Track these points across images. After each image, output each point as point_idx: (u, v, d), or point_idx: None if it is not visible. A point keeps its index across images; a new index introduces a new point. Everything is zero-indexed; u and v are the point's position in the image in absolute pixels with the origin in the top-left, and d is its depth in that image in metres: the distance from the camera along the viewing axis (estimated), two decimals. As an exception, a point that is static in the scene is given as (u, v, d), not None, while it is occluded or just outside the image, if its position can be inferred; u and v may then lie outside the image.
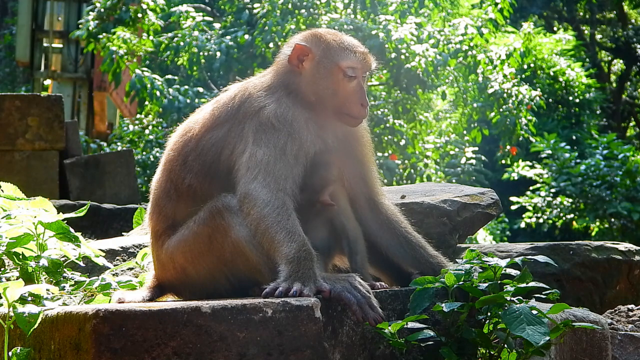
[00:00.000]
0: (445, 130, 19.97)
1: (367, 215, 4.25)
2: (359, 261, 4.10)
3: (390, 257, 4.24)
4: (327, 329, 3.59)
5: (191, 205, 3.98)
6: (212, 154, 4.02)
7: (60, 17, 20.58)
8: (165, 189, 4.12)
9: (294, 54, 4.08)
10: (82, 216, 4.66)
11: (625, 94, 31.89)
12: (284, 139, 3.92)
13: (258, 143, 3.91)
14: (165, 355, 3.22)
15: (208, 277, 3.95)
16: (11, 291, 3.55)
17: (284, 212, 3.78)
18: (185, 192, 4.04)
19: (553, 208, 21.54)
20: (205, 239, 3.89)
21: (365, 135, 4.30)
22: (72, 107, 19.83)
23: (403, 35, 15.85)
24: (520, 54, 17.52)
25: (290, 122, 3.96)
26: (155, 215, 4.14)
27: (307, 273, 3.65)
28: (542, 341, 3.58)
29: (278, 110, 3.98)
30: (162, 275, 4.13)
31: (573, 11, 31.47)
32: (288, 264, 3.66)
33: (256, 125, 3.96)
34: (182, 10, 17.02)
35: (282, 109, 3.99)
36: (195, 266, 3.97)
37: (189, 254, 3.96)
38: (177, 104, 16.24)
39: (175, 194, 4.07)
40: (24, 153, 9.98)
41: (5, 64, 28.96)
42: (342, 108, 4.08)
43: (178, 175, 4.07)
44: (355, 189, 4.24)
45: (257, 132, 3.94)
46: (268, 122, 3.95)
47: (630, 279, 5.22)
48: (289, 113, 3.98)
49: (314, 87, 4.07)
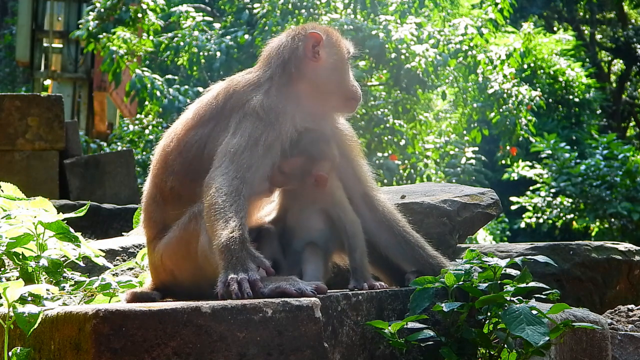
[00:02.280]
0: (445, 131, 19.97)
1: (365, 213, 4.23)
2: (357, 258, 4.04)
3: (389, 257, 4.22)
4: (327, 329, 3.59)
5: (178, 208, 3.94)
6: (194, 151, 3.99)
7: (60, 17, 20.58)
8: (152, 195, 4.11)
9: (309, 44, 4.08)
10: (82, 216, 4.66)
11: (625, 94, 31.90)
12: (261, 128, 3.88)
13: (235, 133, 3.88)
14: (165, 355, 3.22)
15: (192, 280, 3.95)
16: (11, 291, 3.55)
17: (232, 197, 3.66)
18: (169, 196, 4.02)
19: (553, 208, 21.54)
20: (185, 244, 3.88)
21: (350, 131, 4.31)
22: (72, 107, 19.82)
23: (403, 35, 15.85)
24: (520, 54, 17.52)
25: (276, 113, 3.94)
26: (146, 222, 4.14)
27: (240, 258, 3.55)
28: (542, 341, 3.58)
29: (265, 101, 3.96)
30: (156, 279, 4.14)
31: (573, 11, 31.47)
32: (220, 254, 3.57)
33: (240, 116, 3.93)
34: (182, 10, 17.03)
35: (271, 99, 3.97)
36: (180, 270, 3.98)
37: (174, 258, 3.97)
38: (177, 104, 16.24)
39: (161, 199, 4.05)
40: (24, 153, 9.97)
41: (5, 64, 28.96)
42: (347, 93, 4.13)
43: (161, 179, 4.05)
44: (349, 186, 4.23)
45: (239, 122, 3.91)
46: (253, 111, 3.92)
47: (630, 279, 5.22)
48: (277, 104, 3.96)
49: (330, 76, 4.10)
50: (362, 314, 3.77)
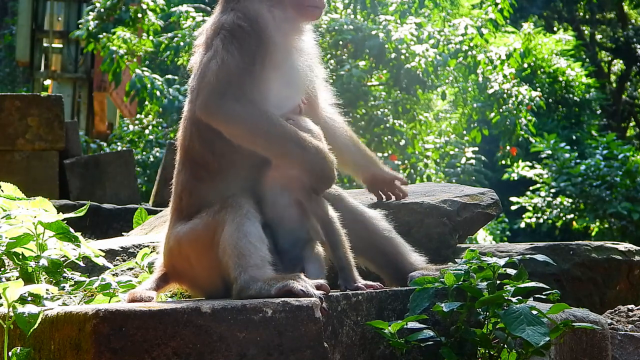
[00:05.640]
0: (445, 131, 19.97)
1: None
2: (342, 256, 3.95)
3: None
4: (327, 329, 3.59)
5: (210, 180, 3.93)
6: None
7: (60, 17, 20.60)
8: (182, 170, 4.07)
9: None
10: (82, 216, 4.66)
11: (625, 94, 31.90)
12: (253, 42, 3.87)
13: (227, 49, 3.86)
14: (165, 356, 3.22)
15: (207, 273, 3.90)
16: (11, 291, 3.55)
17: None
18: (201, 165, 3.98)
19: (553, 208, 21.54)
20: (211, 232, 3.81)
21: (316, 51, 4.28)
22: (72, 107, 19.84)
23: (403, 35, 15.85)
24: (520, 54, 17.51)
25: (255, 19, 3.91)
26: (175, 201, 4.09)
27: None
28: (542, 341, 3.58)
29: (239, 12, 3.93)
30: (169, 262, 4.08)
31: (573, 11, 31.47)
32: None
33: (224, 34, 3.91)
34: (182, 11, 17.01)
35: (243, 10, 3.94)
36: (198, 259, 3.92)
37: (194, 245, 3.90)
38: (177, 104, 16.23)
39: (195, 171, 4.01)
40: (24, 153, 9.97)
41: (5, 64, 28.97)
42: (304, 1, 4.06)
43: (191, 148, 4.01)
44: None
45: (225, 38, 3.89)
46: (234, 26, 3.90)
47: (630, 279, 5.22)
48: (251, 11, 3.94)
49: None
50: (362, 314, 3.77)
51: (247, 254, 3.71)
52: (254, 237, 3.74)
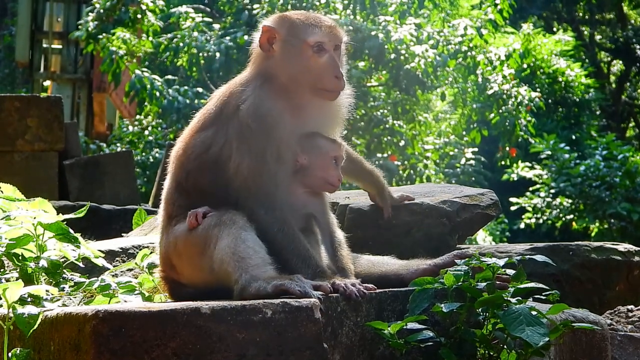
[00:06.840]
0: (445, 131, 19.98)
1: None
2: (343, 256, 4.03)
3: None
4: (326, 330, 3.60)
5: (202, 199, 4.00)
6: (197, 151, 4.07)
7: (60, 18, 20.58)
8: (174, 187, 4.17)
9: (263, 38, 4.08)
10: (82, 217, 4.65)
11: (625, 95, 31.89)
12: (263, 142, 3.93)
13: (241, 151, 3.94)
14: (164, 356, 3.22)
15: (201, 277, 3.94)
16: (11, 292, 3.55)
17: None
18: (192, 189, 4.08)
19: (552, 209, 21.54)
20: (203, 243, 3.87)
21: (343, 113, 4.31)
22: (71, 108, 19.81)
23: (402, 36, 15.86)
24: (519, 54, 17.53)
25: (264, 117, 3.95)
26: (166, 206, 4.18)
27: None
28: (542, 342, 3.58)
29: (251, 107, 3.96)
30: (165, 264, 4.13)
31: (572, 12, 31.47)
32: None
33: (237, 128, 3.97)
34: (181, 11, 17.03)
35: (256, 102, 3.97)
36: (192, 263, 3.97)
37: (189, 250, 3.95)
38: (177, 105, 16.25)
39: (184, 190, 4.12)
40: (23, 154, 9.97)
41: (5, 65, 28.95)
42: (316, 84, 4.06)
43: (180, 177, 4.12)
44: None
45: (238, 136, 3.96)
46: (245, 124, 3.95)
47: (630, 280, 5.22)
48: (262, 107, 3.97)
49: (286, 69, 4.05)
50: (362, 314, 3.77)
51: (246, 257, 3.74)
52: (252, 243, 3.79)
